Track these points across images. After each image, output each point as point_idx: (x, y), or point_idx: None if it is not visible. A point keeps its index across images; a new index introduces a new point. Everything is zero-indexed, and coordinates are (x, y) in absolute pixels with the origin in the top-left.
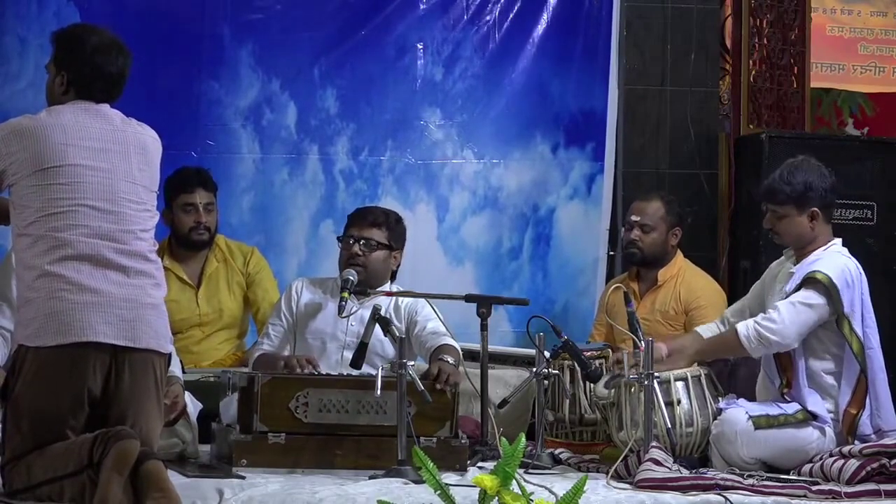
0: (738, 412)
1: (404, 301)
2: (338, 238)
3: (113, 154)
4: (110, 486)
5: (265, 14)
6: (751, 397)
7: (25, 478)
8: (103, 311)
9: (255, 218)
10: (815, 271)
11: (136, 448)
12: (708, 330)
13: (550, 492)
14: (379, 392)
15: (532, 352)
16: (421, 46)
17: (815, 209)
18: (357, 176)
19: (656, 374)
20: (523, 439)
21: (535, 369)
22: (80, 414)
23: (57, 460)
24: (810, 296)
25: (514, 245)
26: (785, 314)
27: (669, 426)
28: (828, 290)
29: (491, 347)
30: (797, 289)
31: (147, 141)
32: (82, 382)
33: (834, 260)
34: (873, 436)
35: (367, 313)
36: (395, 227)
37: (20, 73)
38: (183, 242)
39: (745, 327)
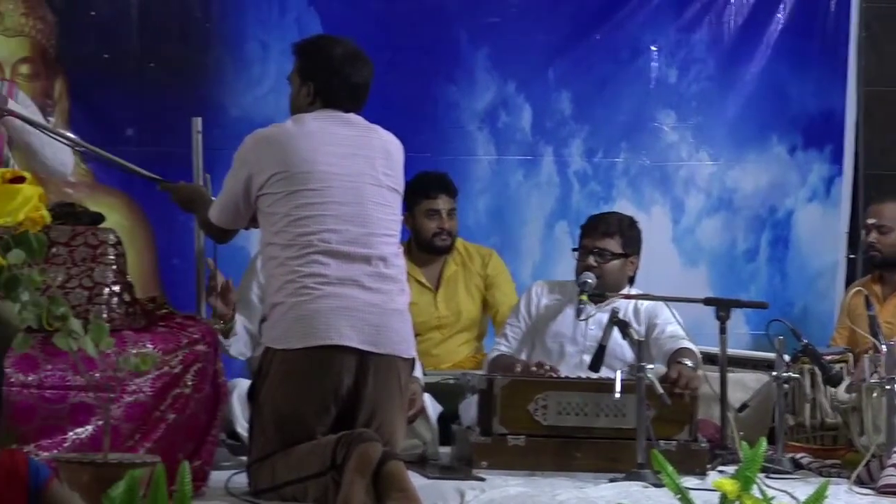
0: None
1: (643, 304)
2: (573, 249)
3: (358, 159)
4: (353, 487)
5: (501, 17)
6: None
7: (270, 478)
8: (350, 316)
9: (490, 220)
10: None
11: (378, 450)
12: None
13: (792, 497)
14: (618, 395)
15: (771, 355)
16: (655, 48)
17: None
18: (591, 178)
19: None
20: (764, 443)
21: (774, 373)
22: (326, 416)
23: (301, 461)
24: None
25: (749, 247)
26: None
27: None
28: None
29: (729, 351)
30: None
31: (391, 147)
32: (329, 385)
33: None
34: None
35: (605, 317)
36: (628, 234)
37: (262, 78)
38: (425, 247)
39: None
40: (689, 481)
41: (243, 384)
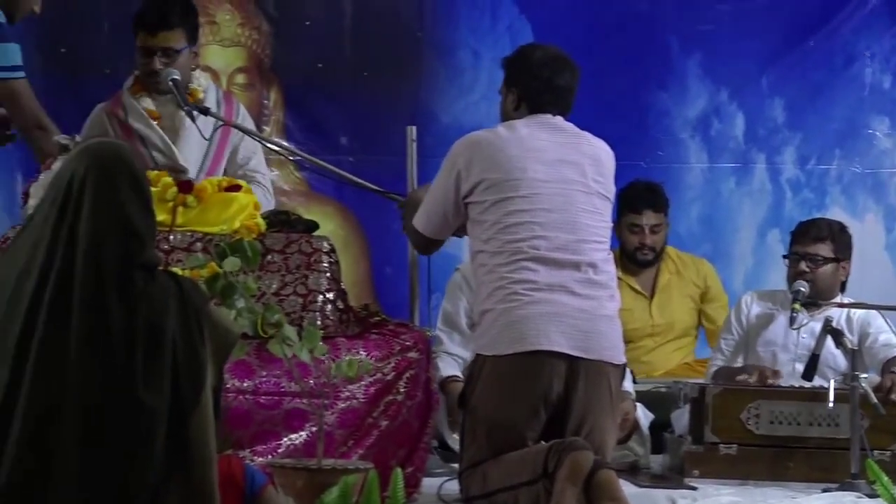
0: None
1: (856, 313)
2: (783, 256)
3: (567, 165)
4: (564, 496)
5: (714, 24)
6: None
7: (481, 485)
8: (559, 322)
9: (702, 227)
10: None
11: (589, 459)
12: None
13: None
14: (832, 404)
15: None
16: (868, 55)
17: None
18: (804, 185)
19: None
20: None
21: None
22: (536, 422)
23: (512, 469)
24: None
25: None
26: None
27: None
28: None
29: None
30: None
31: (601, 154)
32: (539, 390)
33: None
34: None
35: (817, 325)
36: (839, 239)
37: (473, 85)
38: (628, 259)
39: None
40: None
41: None
